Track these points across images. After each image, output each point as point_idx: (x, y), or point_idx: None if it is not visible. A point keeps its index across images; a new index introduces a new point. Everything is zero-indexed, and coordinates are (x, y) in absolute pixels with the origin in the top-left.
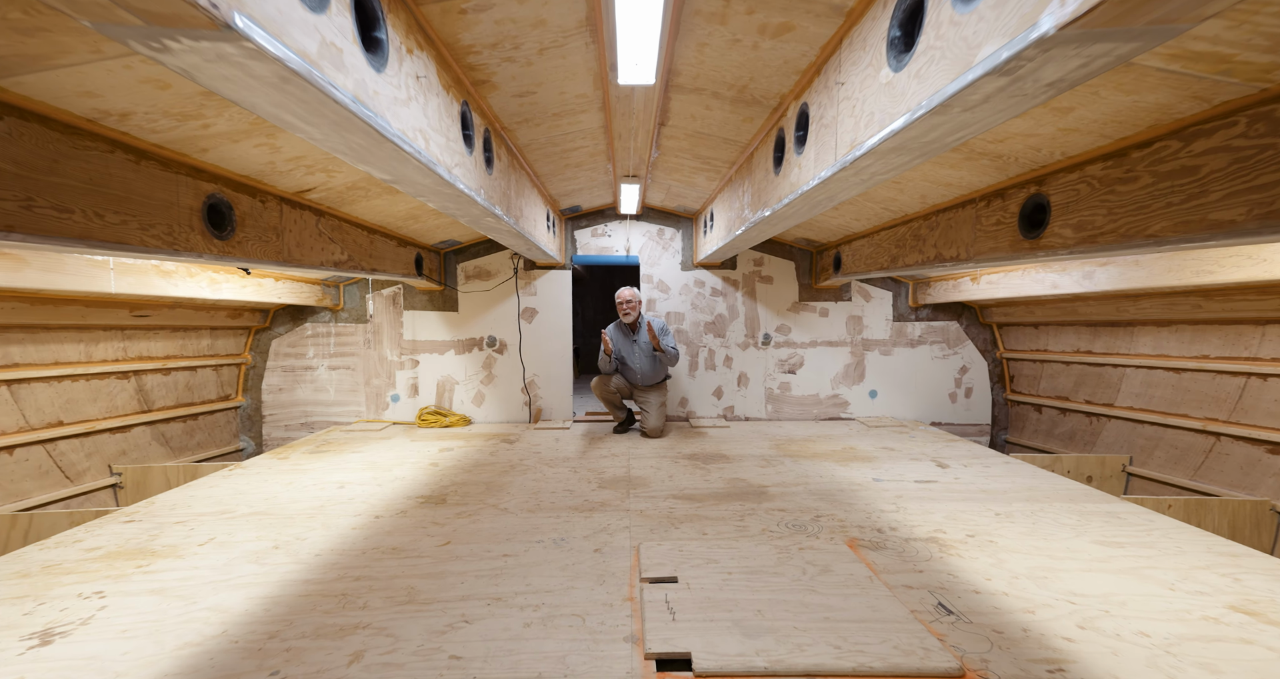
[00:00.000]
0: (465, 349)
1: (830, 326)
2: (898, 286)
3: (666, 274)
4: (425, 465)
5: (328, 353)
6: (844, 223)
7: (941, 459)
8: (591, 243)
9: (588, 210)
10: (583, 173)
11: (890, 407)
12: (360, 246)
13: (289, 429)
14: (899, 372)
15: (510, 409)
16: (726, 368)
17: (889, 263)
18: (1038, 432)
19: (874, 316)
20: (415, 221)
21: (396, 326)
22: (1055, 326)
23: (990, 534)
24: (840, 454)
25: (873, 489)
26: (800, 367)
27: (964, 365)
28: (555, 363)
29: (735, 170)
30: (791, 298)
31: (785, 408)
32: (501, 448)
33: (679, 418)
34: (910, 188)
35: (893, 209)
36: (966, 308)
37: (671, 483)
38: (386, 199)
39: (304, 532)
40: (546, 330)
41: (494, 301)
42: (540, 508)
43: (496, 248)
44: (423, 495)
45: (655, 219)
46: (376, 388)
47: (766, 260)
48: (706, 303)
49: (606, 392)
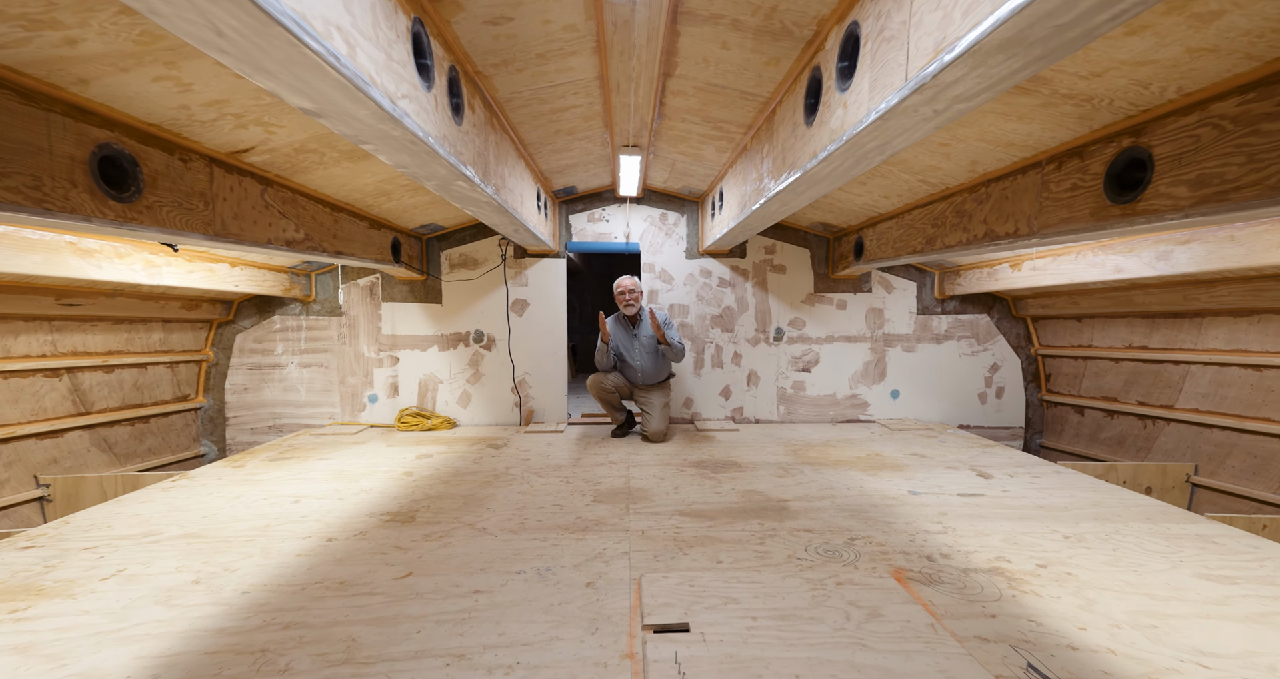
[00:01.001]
0: (450, 345)
1: (848, 320)
2: (922, 276)
3: (670, 263)
4: (398, 475)
5: (298, 349)
6: (869, 202)
7: (982, 467)
8: (588, 228)
9: (584, 193)
10: (576, 142)
11: (914, 408)
12: (321, 225)
13: (255, 432)
14: (923, 369)
15: (499, 410)
16: (735, 365)
17: (923, 246)
18: (1079, 436)
19: (896, 309)
20: (388, 199)
21: (374, 320)
22: (1103, 319)
23: (1066, 564)
24: (866, 462)
25: (911, 504)
26: (815, 364)
27: (995, 363)
28: (548, 360)
29: (751, 136)
30: (806, 289)
31: (799, 409)
32: (487, 454)
33: (683, 420)
34: (959, 152)
35: (931, 181)
36: (998, 300)
37: (677, 496)
38: (347, 168)
39: (237, 560)
40: (539, 324)
41: (481, 293)
42: (524, 527)
43: (484, 234)
44: (389, 512)
45: (657, 202)
46: (352, 387)
47: (779, 248)
48: (713, 294)
49: (604, 391)
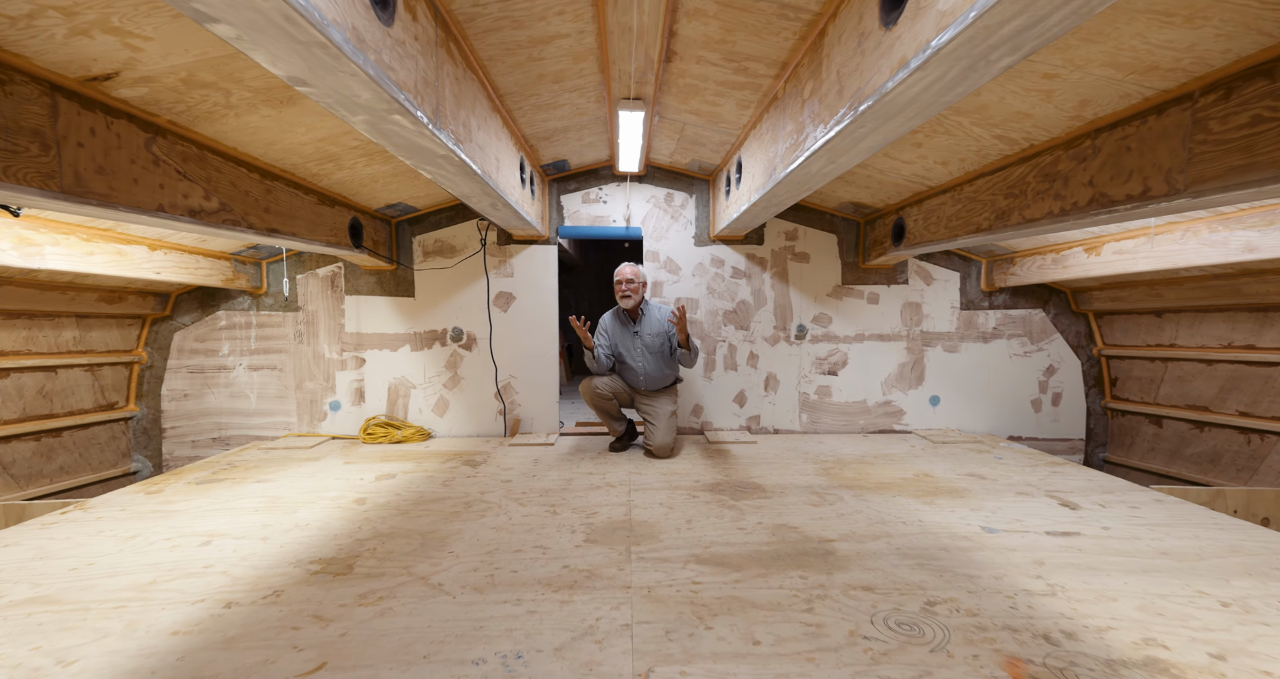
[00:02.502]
0: (424, 344)
1: (881, 316)
2: (967, 265)
3: (676, 250)
4: (348, 503)
5: (247, 349)
6: (918, 172)
7: (1061, 494)
8: (582, 211)
9: (577, 169)
10: (565, 96)
11: (956, 416)
12: (246, 195)
13: (197, 446)
14: (968, 372)
15: (480, 420)
16: (751, 368)
17: (991, 222)
18: (1156, 450)
19: (937, 303)
20: (337, 166)
21: (336, 316)
22: (1193, 313)
23: (1249, 651)
24: (915, 485)
25: (991, 547)
26: (843, 366)
27: (1050, 365)
28: (537, 362)
29: (786, 79)
30: (833, 280)
31: (824, 418)
32: (461, 474)
33: (691, 430)
34: (1066, 89)
35: (1013, 137)
36: (1055, 292)
37: (691, 533)
38: (268, 117)
39: (84, 642)
40: (526, 320)
41: (460, 284)
42: (493, 582)
43: (463, 216)
44: (322, 559)
45: (662, 180)
46: (311, 393)
47: (802, 233)
48: (726, 287)
49: (599, 398)
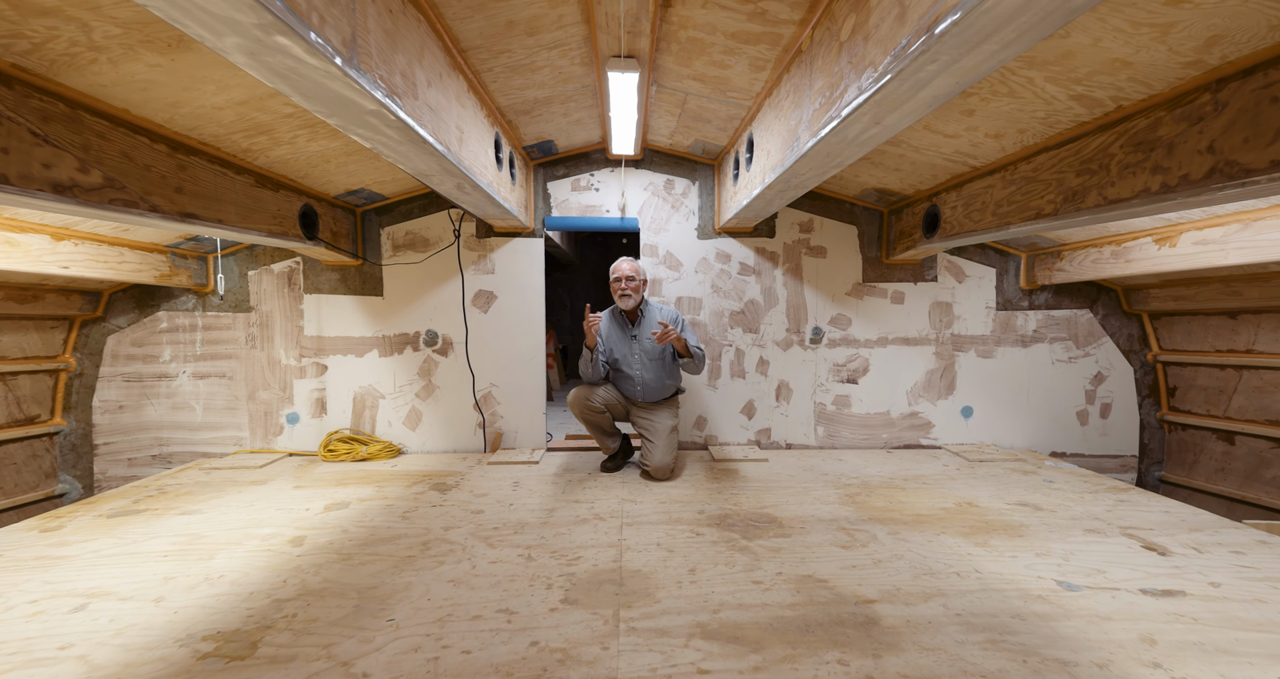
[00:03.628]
0: (394, 349)
1: (906, 317)
2: (1004, 260)
3: (677, 243)
4: (281, 544)
5: (192, 354)
6: (960, 148)
7: (1138, 532)
8: (572, 200)
9: (566, 152)
10: (542, 53)
11: (991, 430)
12: (146, 170)
13: (135, 465)
14: (1005, 380)
15: (457, 433)
16: (760, 375)
17: (1059, 206)
18: (1227, 471)
19: (969, 303)
20: (274, 141)
21: (294, 317)
22: (1277, 315)
23: None
24: (959, 518)
25: (1079, 615)
26: (864, 373)
27: (1099, 372)
28: (521, 368)
29: (818, 19)
30: (853, 277)
31: (843, 431)
32: (426, 502)
33: (694, 444)
34: (1194, 21)
35: (1098, 95)
36: (1104, 290)
37: (696, 589)
38: (161, 67)
39: None
40: (509, 322)
41: (434, 282)
42: (436, 672)
43: (436, 205)
44: (221, 633)
45: (661, 165)
46: (265, 404)
47: (818, 225)
48: (733, 284)
49: (590, 410)
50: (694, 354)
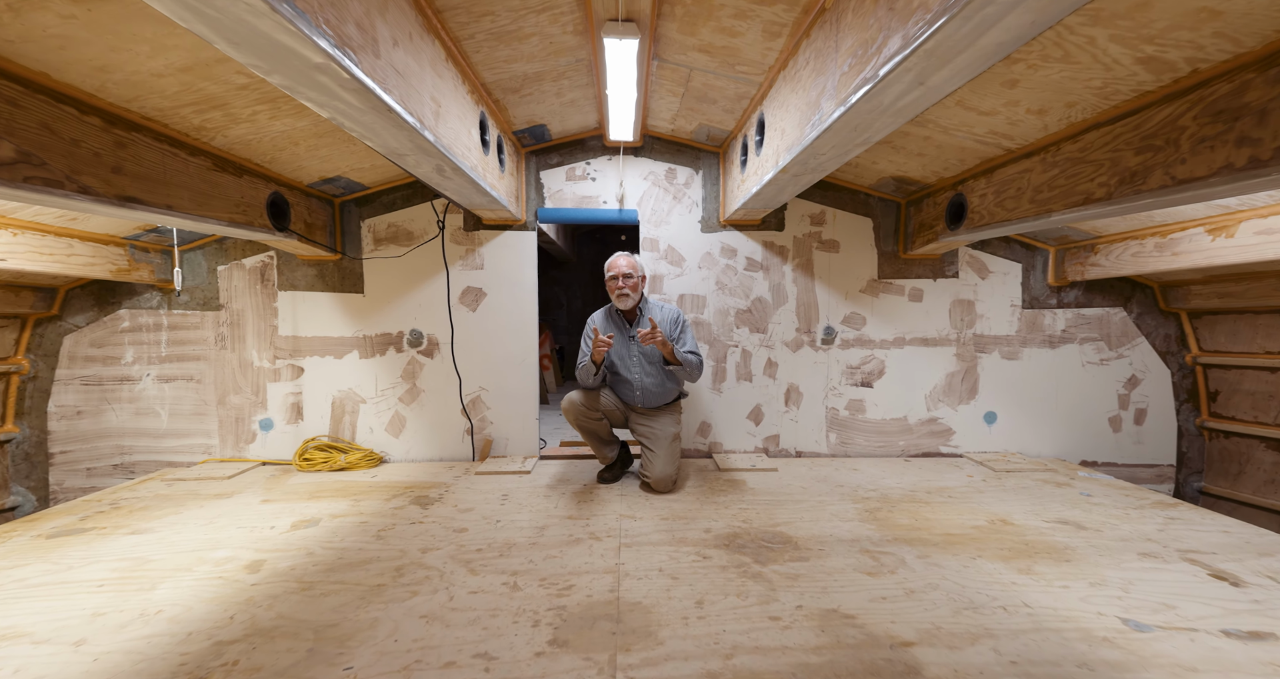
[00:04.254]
0: (375, 350)
1: (925, 316)
2: (1031, 255)
3: (679, 237)
4: (236, 571)
5: (157, 356)
6: (996, 127)
7: (1200, 556)
8: (567, 190)
9: (560, 138)
10: (529, 17)
11: (1017, 436)
12: (74, 146)
13: (94, 475)
14: (1031, 384)
15: (444, 441)
16: (769, 378)
17: (1110, 190)
18: (1277, 482)
19: (993, 301)
20: (230, 117)
21: (268, 316)
22: None
23: None
24: (994, 538)
25: (1158, 664)
26: (879, 376)
27: (1133, 375)
28: (513, 371)
29: None
30: (868, 273)
31: (857, 438)
32: (405, 518)
33: (698, 452)
34: None
35: (1167, 58)
36: (1138, 287)
37: (704, 627)
38: (76, 19)
39: None
40: (499, 321)
41: (419, 278)
42: None
43: (421, 196)
44: None
45: (662, 153)
46: (236, 409)
47: (830, 217)
48: (739, 281)
49: (586, 418)
50: (684, 361)
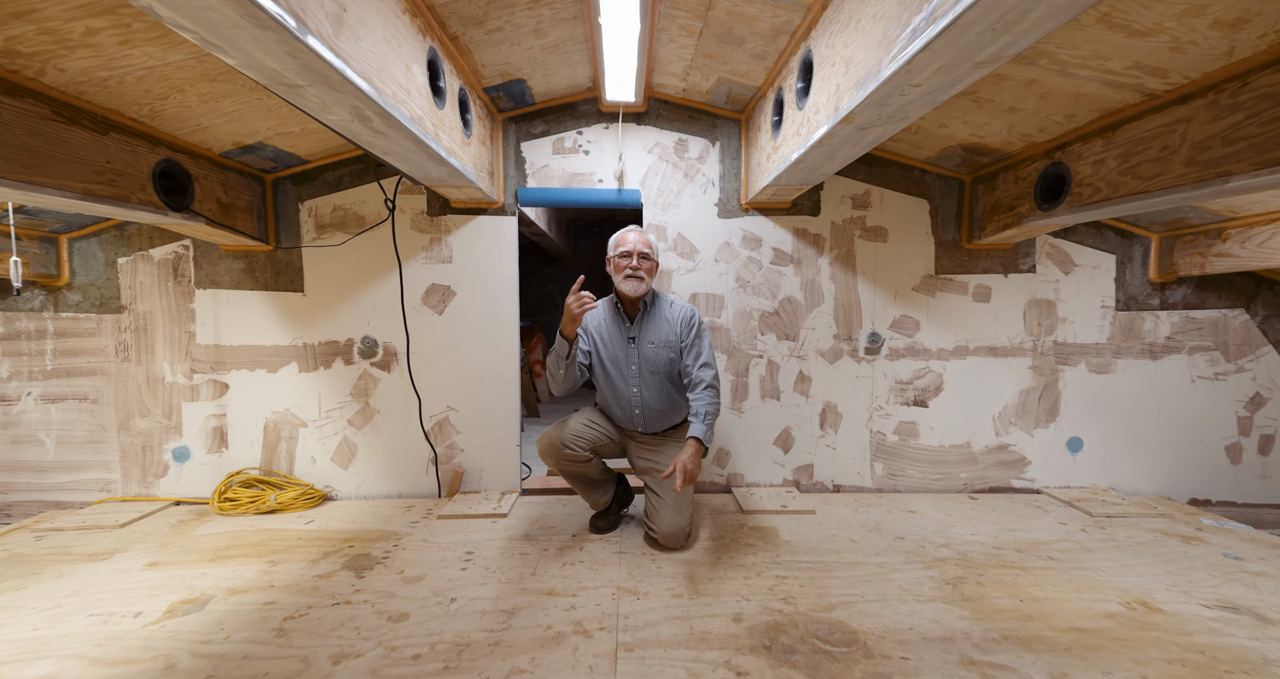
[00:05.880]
0: (319, 362)
1: (993, 320)
2: (1128, 244)
3: (692, 224)
4: None
5: (40, 370)
6: (1142, 57)
7: None
8: (554, 165)
9: (545, 101)
10: None
11: (1107, 468)
12: None
13: None
14: (1125, 403)
15: (404, 472)
16: (800, 395)
17: None
18: None
19: (1079, 301)
20: (59, 43)
21: (183, 319)
22: None
23: None
24: (1143, 635)
25: None
26: (936, 393)
27: (1256, 392)
28: (487, 387)
29: None
30: (922, 267)
31: (908, 468)
32: (328, 594)
33: (714, 486)
34: None
35: None
36: (1264, 283)
37: None
38: None
39: None
40: (472, 326)
41: (373, 273)
42: None
43: (374, 173)
44: None
45: (671, 120)
46: (143, 436)
47: (876, 199)
48: (764, 277)
49: (570, 459)
50: (695, 378)
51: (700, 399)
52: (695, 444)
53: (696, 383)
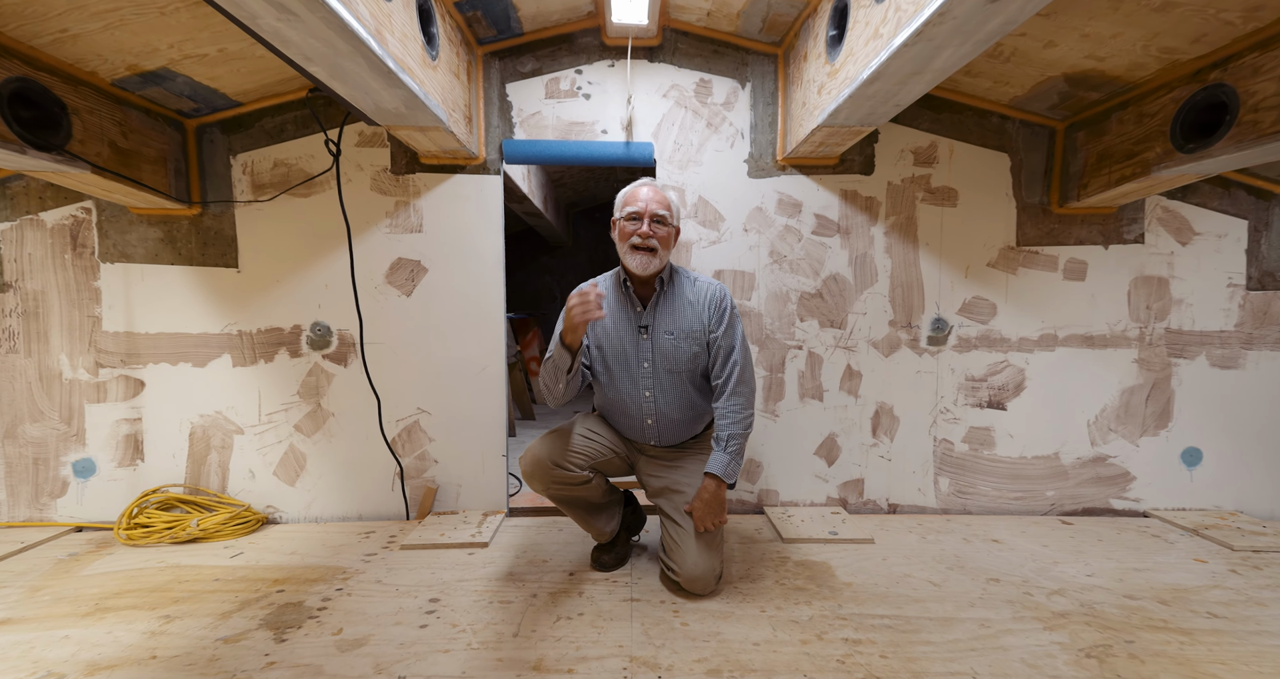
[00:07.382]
0: (259, 353)
1: (1089, 302)
2: (1264, 207)
3: (716, 185)
4: None
5: None
6: None
7: None
8: (547, 113)
9: (535, 31)
10: None
11: (1231, 486)
12: None
13: None
14: (1258, 406)
15: (365, 489)
16: (848, 394)
17: None
18: None
19: (1199, 277)
20: None
21: (85, 301)
22: None
23: None
24: None
25: None
26: (1015, 393)
27: None
28: (467, 384)
29: None
30: (1000, 238)
31: (980, 485)
32: (228, 669)
33: (744, 506)
34: None
35: None
36: None
37: None
38: None
39: None
40: (449, 310)
41: (325, 244)
42: None
43: (324, 117)
44: None
45: (691, 57)
46: (34, 446)
47: (944, 152)
48: (804, 251)
49: (565, 483)
50: (728, 378)
51: (726, 412)
52: (715, 484)
53: (723, 386)
